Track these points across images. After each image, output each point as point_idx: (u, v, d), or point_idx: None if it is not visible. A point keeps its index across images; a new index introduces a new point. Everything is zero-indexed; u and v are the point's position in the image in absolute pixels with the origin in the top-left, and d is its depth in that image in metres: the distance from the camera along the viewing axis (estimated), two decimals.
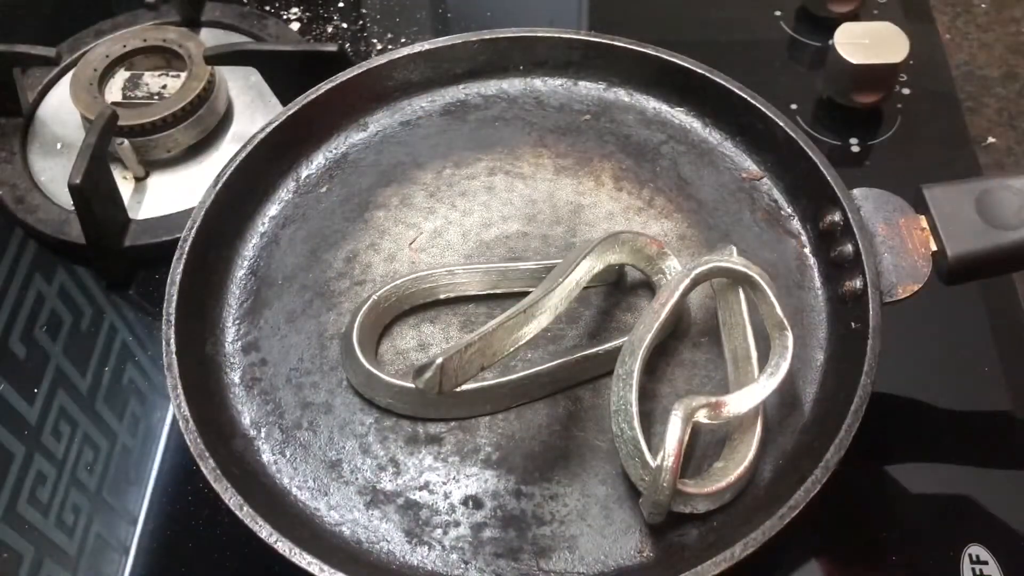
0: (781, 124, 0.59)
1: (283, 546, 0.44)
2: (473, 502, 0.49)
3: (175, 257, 0.54)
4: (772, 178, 0.61)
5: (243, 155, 0.59)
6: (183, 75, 0.71)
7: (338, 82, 0.62)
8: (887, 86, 0.71)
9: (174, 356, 0.51)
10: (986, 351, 0.60)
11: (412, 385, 0.45)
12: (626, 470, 0.49)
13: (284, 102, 0.67)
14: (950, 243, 0.52)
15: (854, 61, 0.69)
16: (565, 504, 0.49)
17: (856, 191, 0.55)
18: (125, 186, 0.69)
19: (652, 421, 0.51)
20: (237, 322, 0.56)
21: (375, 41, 0.81)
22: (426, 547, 0.48)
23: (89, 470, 0.58)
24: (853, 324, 0.52)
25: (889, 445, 0.57)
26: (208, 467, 0.47)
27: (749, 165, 0.62)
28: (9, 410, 0.60)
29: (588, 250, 0.51)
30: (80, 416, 0.60)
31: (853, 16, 0.79)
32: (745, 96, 0.60)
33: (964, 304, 0.62)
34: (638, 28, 0.67)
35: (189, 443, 0.48)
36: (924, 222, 0.54)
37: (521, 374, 0.52)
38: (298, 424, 0.52)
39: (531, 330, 0.48)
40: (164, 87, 0.72)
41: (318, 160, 0.63)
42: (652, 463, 0.46)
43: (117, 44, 0.73)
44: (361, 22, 0.83)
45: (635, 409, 0.47)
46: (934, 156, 0.71)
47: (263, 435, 0.52)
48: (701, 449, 0.51)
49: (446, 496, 0.50)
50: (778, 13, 0.81)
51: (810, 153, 0.57)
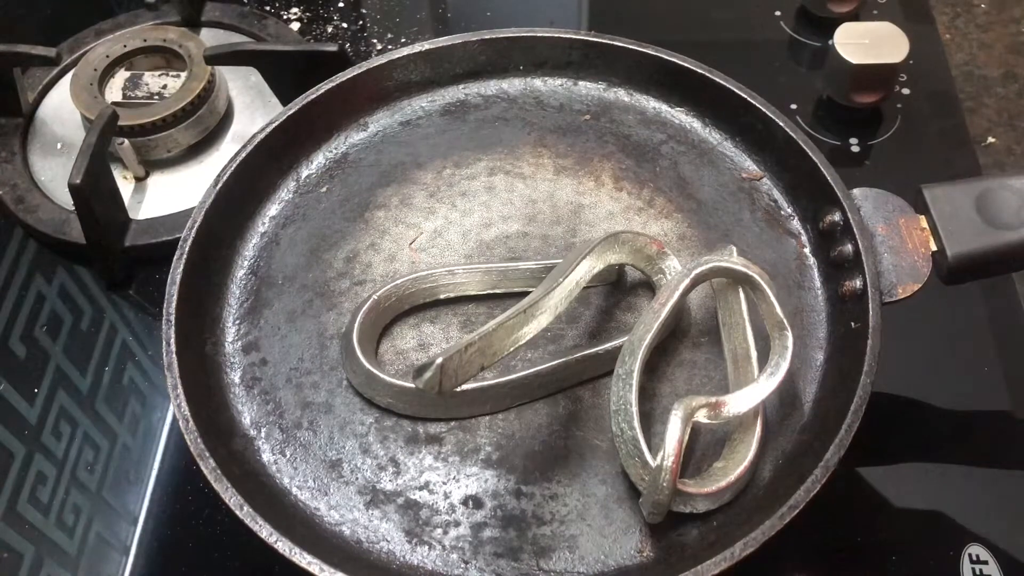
0: (781, 124, 0.59)
1: (283, 546, 0.44)
2: (473, 502, 0.49)
3: (175, 257, 0.54)
4: (772, 178, 0.61)
5: (243, 155, 0.59)
6: (183, 75, 0.71)
7: (338, 82, 0.62)
8: (887, 86, 0.71)
9: (174, 356, 0.51)
10: (986, 351, 0.61)
11: (412, 385, 0.45)
12: (626, 470, 0.49)
13: (284, 102, 0.67)
14: (950, 243, 0.52)
15: (854, 61, 0.69)
16: (565, 504, 0.49)
17: (856, 191, 0.55)
18: (125, 186, 0.69)
19: (652, 421, 0.51)
20: (237, 322, 0.56)
21: (375, 41, 0.81)
22: (426, 547, 0.48)
23: (89, 470, 0.58)
24: (853, 324, 0.52)
25: (889, 445, 0.57)
26: (208, 467, 0.47)
27: (749, 165, 0.62)
28: (9, 410, 0.60)
29: (588, 250, 0.51)
30: (80, 416, 0.60)
31: (853, 16, 0.79)
32: (745, 96, 0.60)
33: (964, 304, 0.62)
34: (638, 28, 0.68)
35: (189, 443, 0.48)
36: (924, 222, 0.54)
37: (521, 374, 0.52)
38: (298, 424, 0.52)
39: (531, 330, 0.48)
40: (164, 87, 0.72)
41: (318, 160, 0.63)
42: (652, 463, 0.46)
43: (117, 44, 0.73)
44: (361, 22, 0.83)
45: (635, 409, 0.47)
46: (934, 156, 0.71)
47: (263, 435, 0.52)
48: (701, 449, 0.51)
49: (446, 496, 0.50)
50: (778, 13, 0.81)
51: (810, 153, 0.57)
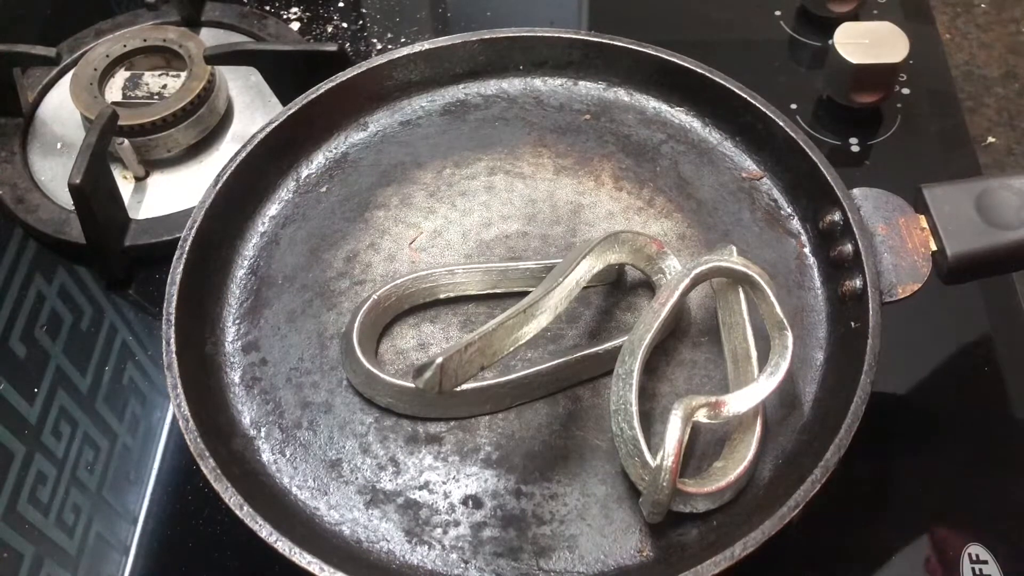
0: (781, 124, 0.59)
1: (283, 545, 0.44)
2: (473, 501, 0.49)
3: (175, 257, 0.54)
4: (772, 178, 0.61)
5: (243, 155, 0.59)
6: (183, 75, 0.71)
7: (338, 82, 0.62)
8: (887, 86, 0.71)
9: (174, 356, 0.51)
10: (986, 351, 0.60)
11: (412, 385, 0.45)
12: (626, 470, 0.49)
13: (284, 102, 0.67)
14: (950, 243, 0.52)
15: (854, 61, 0.69)
16: (565, 504, 0.49)
17: (856, 191, 0.55)
18: (125, 186, 0.69)
19: (652, 421, 0.51)
20: (237, 322, 0.56)
21: (375, 41, 0.81)
22: (426, 546, 0.48)
23: (89, 470, 0.58)
24: (853, 324, 0.52)
25: (889, 445, 0.57)
26: (208, 467, 0.47)
27: (749, 165, 0.62)
28: (9, 410, 0.60)
29: (588, 250, 0.51)
30: (80, 416, 0.60)
31: (853, 16, 0.78)
32: (745, 96, 0.60)
33: (964, 304, 0.62)
34: (638, 28, 0.67)
35: (189, 443, 0.48)
36: (924, 222, 0.54)
37: (521, 374, 0.52)
38: (298, 424, 0.52)
39: (531, 330, 0.48)
40: (164, 87, 0.72)
41: (318, 160, 0.63)
42: (652, 463, 0.46)
43: (117, 44, 0.73)
44: (361, 22, 0.83)
45: (635, 409, 0.47)
46: (934, 156, 0.71)
47: (263, 435, 0.52)
48: (701, 449, 0.51)
49: (446, 495, 0.50)
50: (778, 13, 0.81)
51: (810, 153, 0.57)
